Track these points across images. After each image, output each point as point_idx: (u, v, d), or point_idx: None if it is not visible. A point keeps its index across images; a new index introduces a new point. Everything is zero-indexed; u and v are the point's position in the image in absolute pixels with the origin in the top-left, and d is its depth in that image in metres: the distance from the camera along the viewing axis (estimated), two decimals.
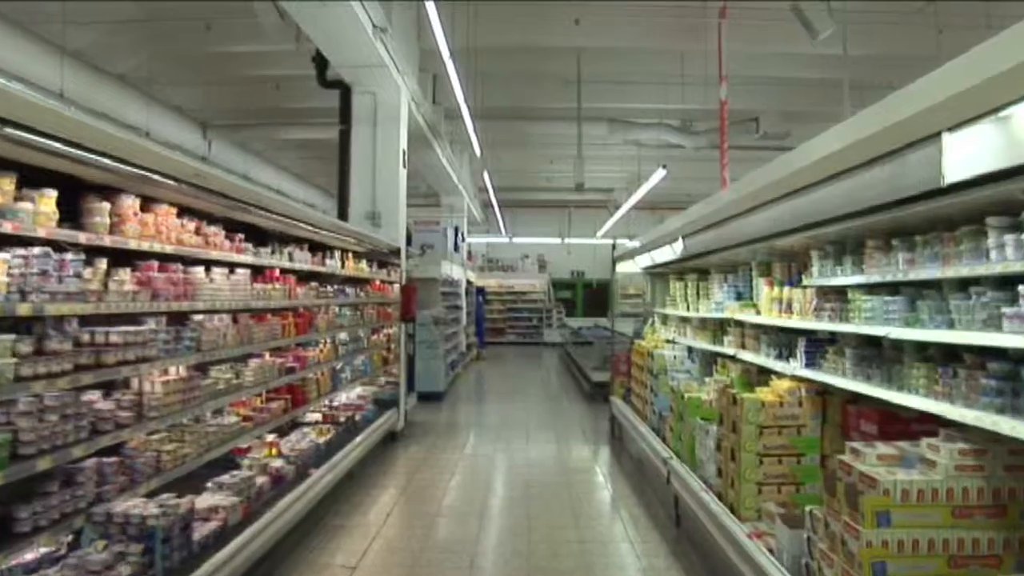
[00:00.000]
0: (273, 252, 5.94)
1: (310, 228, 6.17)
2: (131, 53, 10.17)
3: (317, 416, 7.11)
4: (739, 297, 6.28)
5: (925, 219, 3.07)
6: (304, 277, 6.98)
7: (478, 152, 11.67)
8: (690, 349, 7.44)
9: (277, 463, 5.30)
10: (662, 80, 12.08)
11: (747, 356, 5.48)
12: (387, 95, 8.68)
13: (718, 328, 6.76)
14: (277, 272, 6.20)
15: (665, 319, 8.72)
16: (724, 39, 8.72)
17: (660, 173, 12.26)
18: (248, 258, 5.27)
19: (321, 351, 7.21)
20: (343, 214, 8.67)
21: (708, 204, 4.93)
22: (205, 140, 13.35)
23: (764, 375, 5.52)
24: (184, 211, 4.43)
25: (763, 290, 5.35)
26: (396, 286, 9.62)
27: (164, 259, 4.20)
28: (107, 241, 3.47)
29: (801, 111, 13.85)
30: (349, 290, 8.14)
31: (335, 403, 7.96)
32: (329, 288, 7.55)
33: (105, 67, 10.50)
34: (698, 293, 7.51)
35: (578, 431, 10.07)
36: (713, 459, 4.90)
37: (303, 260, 6.55)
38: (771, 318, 4.99)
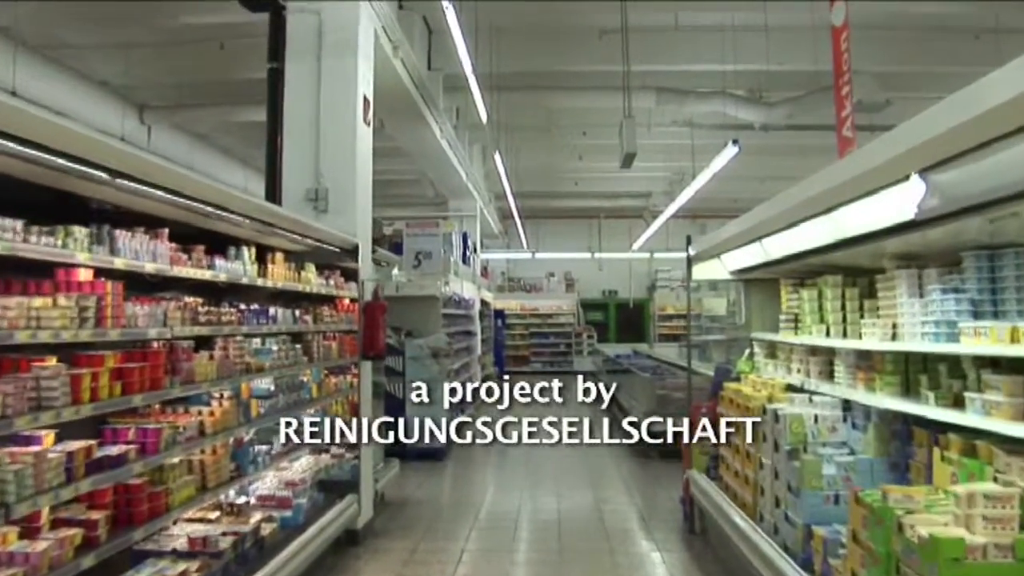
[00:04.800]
0: (50, 234, 2.95)
1: (129, 187, 3.17)
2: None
3: (184, 537, 4.02)
4: (975, 311, 3.26)
5: None
6: (192, 287, 4.08)
7: (484, 116, 8.63)
8: (847, 404, 4.31)
9: None
10: (730, 25, 9.08)
11: None
12: (338, 14, 5.67)
13: (900, 369, 3.76)
14: (80, 275, 3.24)
15: (773, 350, 5.59)
16: None
17: (731, 150, 9.16)
18: None
19: (211, 413, 4.23)
20: (272, 194, 5.66)
21: None
22: (143, 124, 10.51)
23: None
24: None
25: None
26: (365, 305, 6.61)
27: None
28: None
29: (904, 73, 10.75)
30: (280, 311, 5.16)
31: (246, 497, 4.93)
32: (236, 308, 4.60)
33: None
34: (843, 307, 4.47)
35: (633, 513, 6.96)
36: None
37: (146, 254, 3.56)
38: None
